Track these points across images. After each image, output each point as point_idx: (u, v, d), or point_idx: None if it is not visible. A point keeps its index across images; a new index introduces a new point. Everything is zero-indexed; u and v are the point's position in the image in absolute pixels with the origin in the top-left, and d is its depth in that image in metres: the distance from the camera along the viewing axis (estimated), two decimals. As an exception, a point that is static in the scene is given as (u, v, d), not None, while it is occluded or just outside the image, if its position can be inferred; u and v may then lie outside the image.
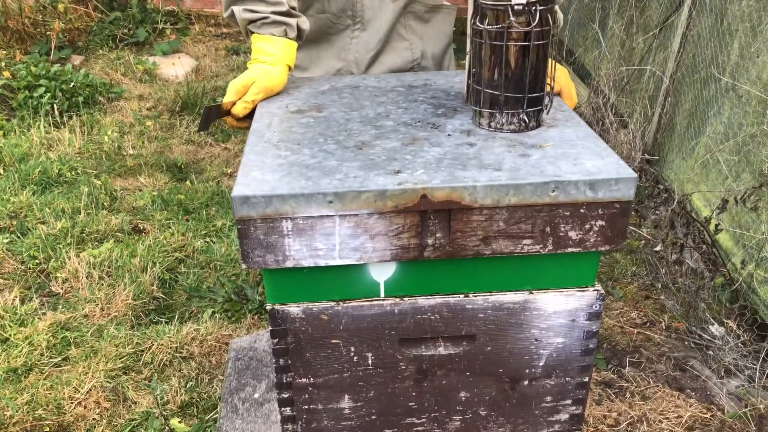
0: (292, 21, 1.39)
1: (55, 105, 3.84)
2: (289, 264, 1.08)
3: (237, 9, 1.38)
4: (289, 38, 1.39)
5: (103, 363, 2.15)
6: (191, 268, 2.64)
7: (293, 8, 1.40)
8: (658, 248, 2.79)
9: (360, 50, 1.61)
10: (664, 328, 2.41)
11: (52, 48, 4.60)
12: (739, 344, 2.23)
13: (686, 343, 2.33)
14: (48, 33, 4.72)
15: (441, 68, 1.72)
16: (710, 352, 2.25)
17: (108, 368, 2.13)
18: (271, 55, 1.37)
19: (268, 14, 1.36)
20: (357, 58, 1.62)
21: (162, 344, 2.23)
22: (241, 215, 1.03)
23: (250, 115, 1.35)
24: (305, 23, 1.43)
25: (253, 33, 1.39)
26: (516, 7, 1.09)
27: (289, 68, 1.41)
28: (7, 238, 2.76)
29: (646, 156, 3.27)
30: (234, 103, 1.35)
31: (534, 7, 1.09)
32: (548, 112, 1.26)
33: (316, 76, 1.57)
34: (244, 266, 1.07)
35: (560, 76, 1.35)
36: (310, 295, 1.14)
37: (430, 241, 1.07)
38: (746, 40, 2.56)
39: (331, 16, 1.58)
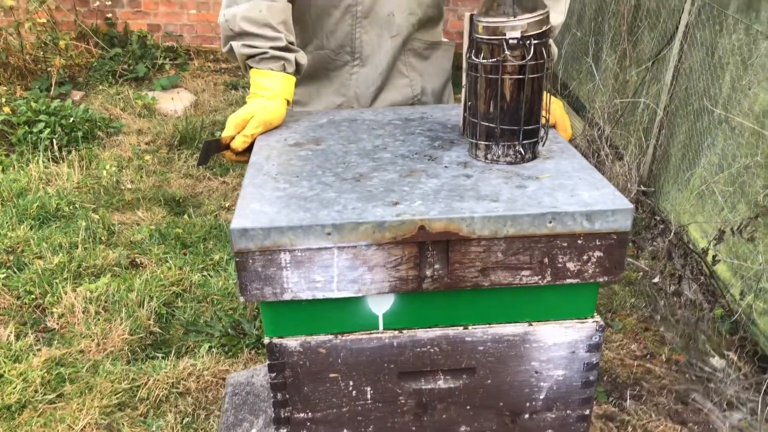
0: (291, 56, 1.40)
1: (54, 140, 3.86)
2: (287, 297, 1.07)
3: (236, 44, 1.39)
4: (287, 73, 1.40)
5: (98, 399, 2.12)
6: (188, 303, 2.63)
7: (291, 43, 1.42)
8: (656, 280, 2.79)
9: (360, 86, 1.62)
10: (664, 360, 2.39)
11: (53, 84, 4.65)
12: (741, 377, 2.21)
13: (687, 375, 2.31)
14: (49, 69, 4.77)
15: (441, 103, 1.74)
16: (712, 385, 2.23)
17: (103, 405, 2.10)
18: (270, 90, 1.38)
19: (267, 49, 1.37)
20: (357, 94, 1.63)
21: (158, 379, 2.20)
22: (240, 247, 1.03)
23: (248, 149, 1.35)
24: (303, 58, 1.44)
25: (251, 68, 1.40)
26: (511, 41, 1.11)
27: (288, 102, 1.42)
28: (3, 273, 2.75)
29: (642, 188, 3.29)
30: (233, 138, 1.36)
31: (528, 41, 1.11)
32: (544, 144, 1.27)
33: (314, 110, 1.59)
34: (242, 299, 1.07)
35: (555, 108, 1.36)
36: (308, 328, 1.14)
37: (428, 273, 1.07)
38: (737, 73, 2.61)
39: (329, 52, 1.59)
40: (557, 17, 1.45)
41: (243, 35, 1.38)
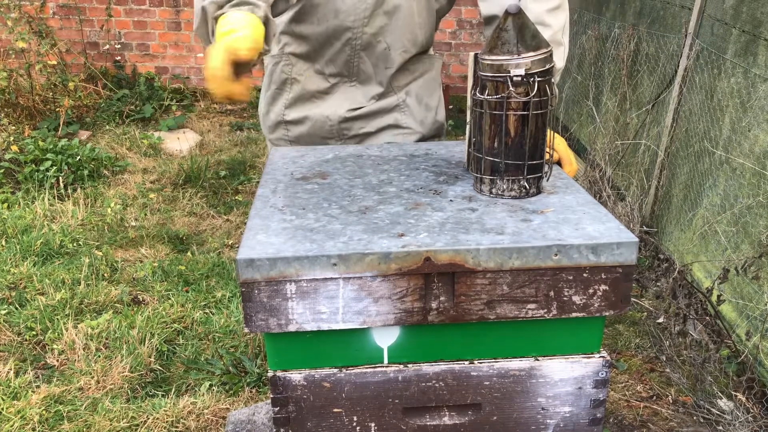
0: (261, 3, 1.30)
1: (60, 178, 3.90)
2: (291, 328, 1.07)
3: (206, 3, 1.30)
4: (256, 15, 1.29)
5: (96, 438, 2.09)
6: (190, 340, 2.61)
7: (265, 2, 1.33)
8: (660, 320, 2.77)
9: (357, 96, 1.72)
10: (671, 401, 2.36)
11: (61, 123, 4.72)
12: (750, 419, 2.18)
13: (695, 417, 2.28)
14: (57, 109, 4.85)
15: (427, 107, 1.78)
16: (720, 428, 2.19)
17: (101, 443, 2.07)
18: (234, 24, 1.24)
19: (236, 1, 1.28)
20: (349, 110, 1.73)
21: (158, 418, 2.17)
22: (246, 278, 1.03)
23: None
24: (273, 26, 1.35)
25: (218, 17, 1.29)
26: (515, 78, 1.13)
27: (258, 44, 1.26)
28: (5, 309, 2.74)
29: (645, 228, 3.30)
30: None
31: (532, 78, 1.13)
32: (548, 179, 1.28)
33: (319, 147, 1.61)
34: (246, 330, 1.06)
35: (558, 143, 1.38)
36: (312, 361, 1.13)
37: (434, 305, 1.07)
38: (737, 115, 2.64)
39: (329, 77, 1.71)
40: (557, 63, 1.49)
41: (213, 3, 1.29)
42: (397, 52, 1.67)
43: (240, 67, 1.26)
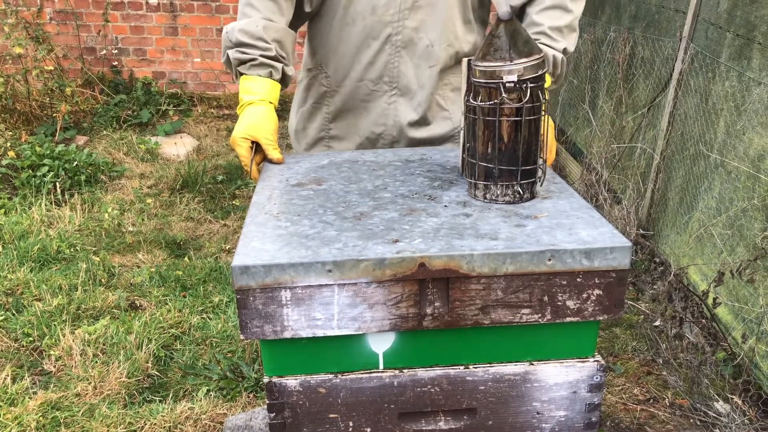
0: (278, 65, 1.50)
1: (57, 183, 3.90)
2: (287, 334, 1.08)
3: (231, 52, 1.49)
4: (273, 79, 1.49)
5: (93, 444, 2.08)
6: (187, 345, 2.61)
7: (283, 57, 1.51)
8: (657, 323, 2.77)
9: (399, 114, 1.66)
10: (668, 404, 2.36)
11: (58, 129, 4.72)
12: (746, 421, 2.18)
13: (691, 420, 2.28)
14: (54, 115, 4.85)
15: None
16: (716, 430, 2.20)
17: (98, 449, 2.07)
18: (256, 94, 1.48)
19: (257, 56, 1.47)
20: (396, 122, 1.67)
21: (155, 423, 2.17)
22: (241, 285, 1.03)
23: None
24: (292, 70, 1.54)
25: (242, 74, 1.50)
26: (507, 84, 1.14)
27: (274, 106, 1.50)
28: (1, 315, 2.74)
29: (641, 231, 3.31)
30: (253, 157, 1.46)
31: (525, 85, 1.14)
32: (542, 184, 1.29)
33: (315, 153, 1.62)
34: (242, 336, 1.07)
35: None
36: (308, 367, 1.13)
37: (428, 311, 1.08)
38: (731, 119, 2.65)
39: (368, 83, 1.64)
40: (570, 47, 1.55)
41: (239, 45, 1.48)
42: (441, 47, 1.60)
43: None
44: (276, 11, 1.51)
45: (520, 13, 1.60)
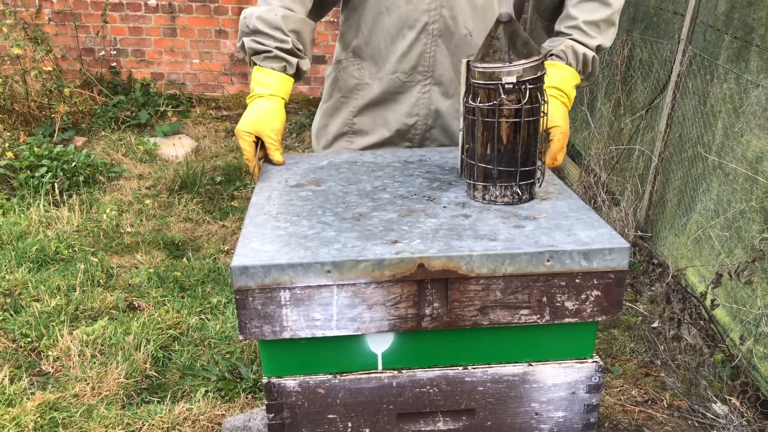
0: (293, 59, 1.46)
1: (55, 184, 3.90)
2: (286, 335, 1.08)
3: (247, 40, 1.46)
4: (287, 74, 1.46)
5: (91, 445, 2.08)
6: (185, 346, 2.61)
7: (299, 50, 1.47)
8: (655, 324, 2.78)
9: (434, 102, 1.60)
10: (666, 406, 2.36)
11: (56, 130, 4.72)
12: (744, 423, 2.19)
13: (690, 422, 2.28)
14: (53, 115, 4.85)
15: None
16: None
17: (96, 450, 2.06)
18: (267, 87, 1.44)
19: (272, 48, 1.44)
20: (430, 111, 1.61)
21: (153, 424, 2.17)
22: (240, 285, 1.03)
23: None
24: (306, 65, 1.50)
25: (255, 65, 1.47)
26: (507, 85, 1.14)
27: (284, 101, 1.47)
28: (0, 316, 2.73)
29: (639, 233, 3.31)
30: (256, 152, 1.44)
31: (524, 86, 1.14)
32: (540, 185, 1.29)
33: (320, 153, 1.61)
34: (241, 337, 1.07)
35: (559, 117, 1.39)
36: (306, 367, 1.13)
37: (427, 311, 1.08)
38: (729, 121, 2.66)
39: (401, 74, 1.58)
40: (605, 43, 1.51)
41: (255, 33, 1.44)
42: (481, 36, 1.53)
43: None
44: (298, 1, 1.48)
45: (559, 5, 1.57)
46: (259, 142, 1.44)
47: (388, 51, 1.57)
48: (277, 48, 1.44)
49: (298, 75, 1.50)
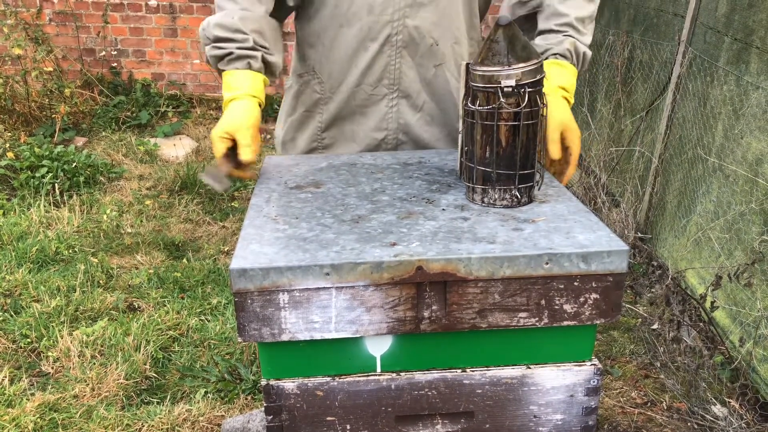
0: (257, 53, 1.41)
1: (56, 185, 3.90)
2: (285, 337, 1.08)
3: (208, 48, 1.42)
4: (253, 70, 1.41)
5: (91, 446, 2.08)
6: (185, 347, 2.61)
7: (263, 46, 1.43)
8: (655, 326, 2.78)
9: (403, 115, 1.58)
10: (665, 408, 2.36)
11: (57, 130, 4.72)
12: (743, 425, 2.19)
13: (689, 424, 2.28)
14: (53, 116, 4.85)
15: None
16: (714, 433, 2.20)
17: (95, 451, 2.06)
18: (237, 89, 1.39)
19: (233, 50, 1.39)
20: (401, 124, 1.59)
21: (152, 425, 2.17)
22: (239, 288, 1.03)
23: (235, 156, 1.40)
24: (276, 59, 1.45)
25: (223, 71, 1.42)
26: (506, 89, 1.14)
27: (260, 103, 1.41)
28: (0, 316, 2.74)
29: (639, 234, 3.31)
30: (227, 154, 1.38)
31: (523, 89, 1.15)
32: (539, 188, 1.29)
33: (314, 156, 1.61)
34: (240, 339, 1.07)
35: (573, 139, 1.39)
36: (305, 369, 1.14)
37: (426, 314, 1.08)
38: (729, 123, 2.66)
39: (366, 87, 1.54)
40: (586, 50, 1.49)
41: (216, 40, 1.40)
42: (447, 45, 1.51)
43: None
44: (254, 1, 1.43)
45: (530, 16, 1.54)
46: (235, 145, 1.38)
47: (350, 64, 1.53)
48: (238, 48, 1.39)
49: (270, 71, 1.45)
